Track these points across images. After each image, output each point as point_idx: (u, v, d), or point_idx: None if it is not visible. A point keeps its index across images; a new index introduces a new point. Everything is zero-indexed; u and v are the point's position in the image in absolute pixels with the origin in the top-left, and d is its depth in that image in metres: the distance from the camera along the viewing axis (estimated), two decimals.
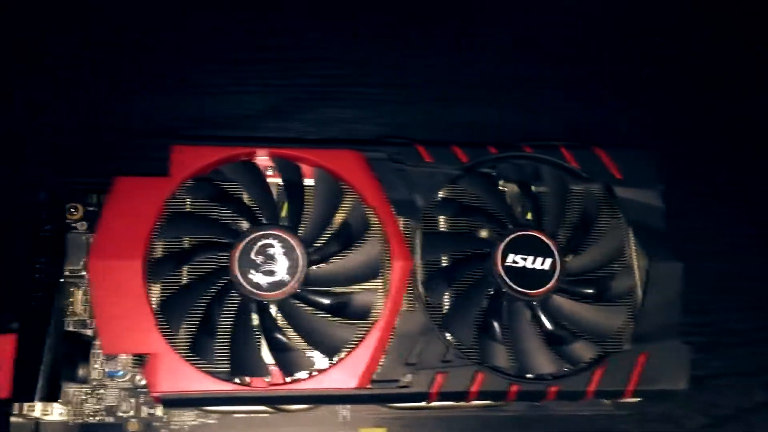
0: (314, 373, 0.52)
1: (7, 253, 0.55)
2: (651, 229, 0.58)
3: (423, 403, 0.55)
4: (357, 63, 0.71)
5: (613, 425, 0.59)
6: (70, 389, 0.54)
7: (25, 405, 0.51)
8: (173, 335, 0.51)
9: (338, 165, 0.57)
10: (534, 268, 0.55)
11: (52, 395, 0.51)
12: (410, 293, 0.55)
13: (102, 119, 0.66)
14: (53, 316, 0.52)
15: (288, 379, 0.52)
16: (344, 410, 0.57)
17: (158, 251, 0.54)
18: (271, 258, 0.53)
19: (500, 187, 0.60)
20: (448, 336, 0.54)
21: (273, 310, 0.53)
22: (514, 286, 0.54)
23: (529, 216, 0.58)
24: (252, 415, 0.56)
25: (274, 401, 0.53)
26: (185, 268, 0.54)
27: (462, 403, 0.56)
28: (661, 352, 0.55)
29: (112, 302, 0.51)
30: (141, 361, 0.53)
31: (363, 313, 0.53)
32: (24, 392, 0.50)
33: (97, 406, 0.54)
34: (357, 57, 0.72)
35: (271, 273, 0.53)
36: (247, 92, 0.69)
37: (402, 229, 0.56)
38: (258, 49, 0.70)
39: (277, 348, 0.52)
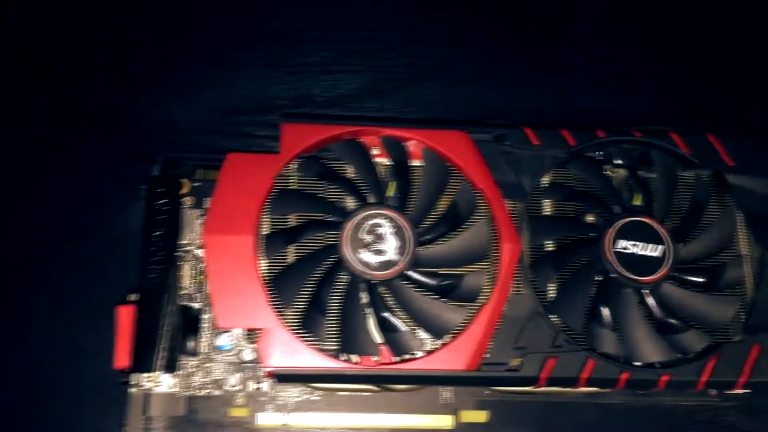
0: (422, 354, 0.52)
1: (123, 226, 0.56)
2: (765, 218, 0.57)
3: (527, 388, 0.55)
4: (453, 44, 0.71)
5: (718, 417, 0.58)
6: (179, 362, 0.55)
7: (141, 376, 0.52)
8: (284, 311, 0.51)
9: (446, 145, 0.56)
10: (644, 255, 0.54)
11: (169, 367, 0.51)
12: (518, 277, 0.54)
13: (207, 97, 0.66)
14: (169, 289, 0.52)
15: (396, 359, 0.52)
16: (446, 392, 0.56)
17: (268, 228, 0.54)
18: (380, 237, 0.53)
19: (608, 172, 0.59)
20: (556, 321, 0.53)
21: (382, 289, 0.53)
22: (625, 273, 0.54)
23: (636, 201, 0.57)
24: (355, 393, 0.56)
25: (384, 380, 0.53)
26: (293, 246, 0.54)
27: (565, 390, 0.55)
28: None
29: (226, 277, 0.51)
30: (251, 335, 0.53)
31: (471, 296, 0.53)
32: (143, 363, 0.51)
33: (205, 379, 0.55)
34: (453, 38, 0.71)
35: (380, 252, 0.53)
36: (343, 71, 0.69)
37: (509, 212, 0.55)
38: (355, 30, 0.70)
39: (386, 328, 0.52)
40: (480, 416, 0.56)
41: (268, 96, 0.67)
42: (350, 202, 0.55)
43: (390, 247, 0.53)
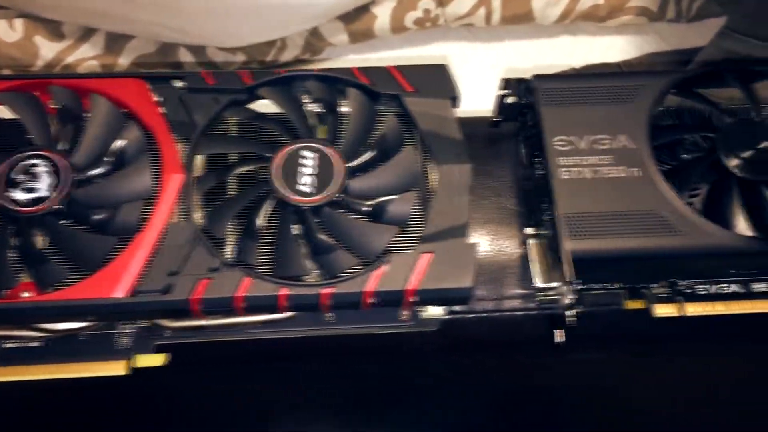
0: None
1: None
2: (442, 136, 0.56)
3: (201, 323, 0.53)
4: None
5: (412, 344, 0.56)
6: None
7: None
8: None
9: (119, 92, 0.57)
10: (314, 179, 0.53)
11: None
12: (183, 205, 0.53)
13: None
14: None
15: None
16: (123, 338, 0.54)
17: None
18: (35, 177, 0.52)
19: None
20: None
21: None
22: (286, 192, 0.52)
23: (321, 135, 0.57)
24: (24, 344, 0.53)
25: (23, 315, 0.50)
26: None
27: (244, 320, 0.53)
28: (447, 251, 0.52)
29: None
30: None
31: (128, 228, 0.52)
32: None
33: None
34: None
35: (33, 190, 0.51)
36: None
37: (181, 147, 0.55)
38: None
39: (33, 262, 0.50)
40: (157, 360, 0.53)
41: None
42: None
43: (44, 185, 0.52)
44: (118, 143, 0.55)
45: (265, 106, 0.59)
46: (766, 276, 0.56)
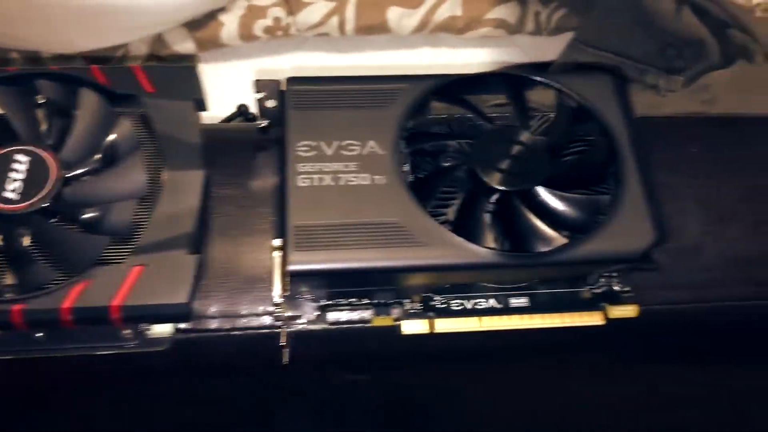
0: None
1: None
2: (179, 140, 0.52)
3: None
4: None
5: (138, 363, 0.51)
6: None
7: None
8: None
9: None
10: (23, 185, 0.48)
11: None
12: None
13: None
14: None
15: None
16: None
17: None
18: None
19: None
20: None
21: None
22: None
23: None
24: None
25: None
26: None
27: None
28: (162, 264, 0.48)
29: None
30: None
31: None
32: None
33: None
34: None
35: None
36: None
37: None
38: None
39: None
40: None
41: None
42: None
43: None
44: None
45: None
46: (520, 290, 0.54)
